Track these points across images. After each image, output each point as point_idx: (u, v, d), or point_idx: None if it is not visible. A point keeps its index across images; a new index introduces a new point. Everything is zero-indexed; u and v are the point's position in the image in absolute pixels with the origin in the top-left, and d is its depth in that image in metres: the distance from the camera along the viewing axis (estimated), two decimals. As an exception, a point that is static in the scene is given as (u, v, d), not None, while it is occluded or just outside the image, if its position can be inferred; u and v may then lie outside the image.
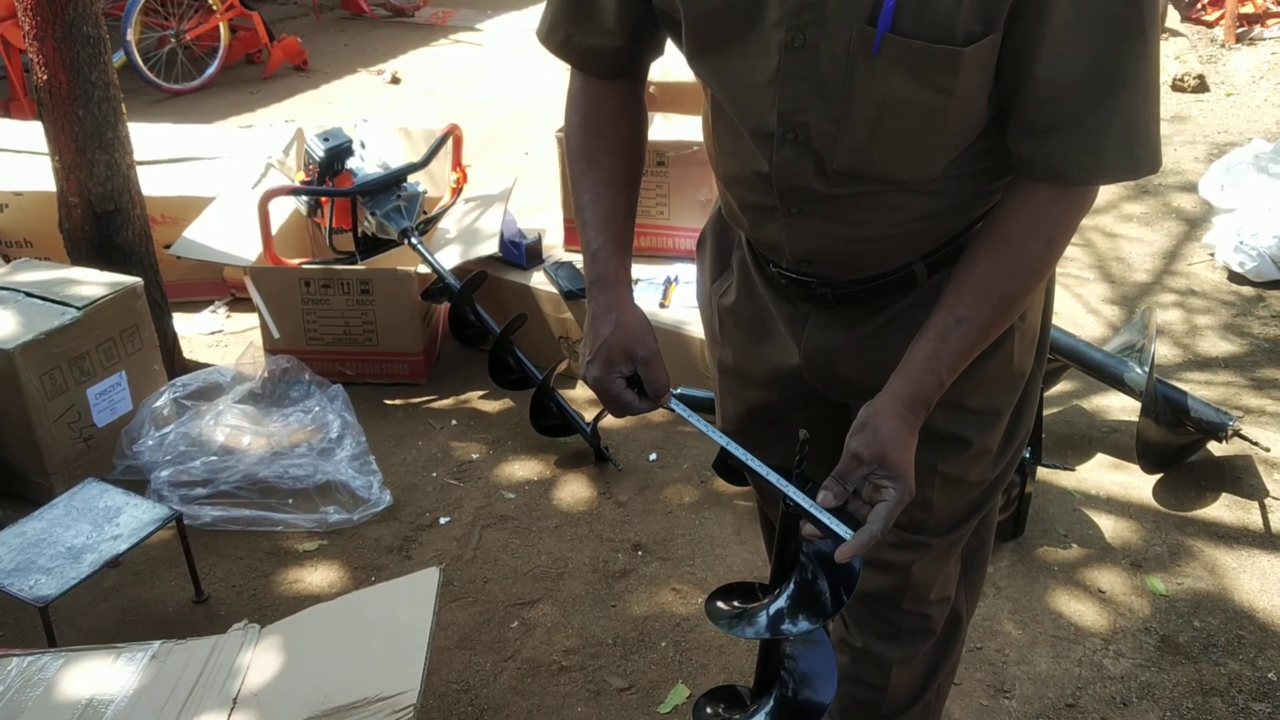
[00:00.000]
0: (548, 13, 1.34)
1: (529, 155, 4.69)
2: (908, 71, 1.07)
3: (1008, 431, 1.39)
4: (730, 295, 1.45)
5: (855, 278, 1.29)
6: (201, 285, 3.55)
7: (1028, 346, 1.35)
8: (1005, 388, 1.35)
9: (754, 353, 1.44)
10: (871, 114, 1.12)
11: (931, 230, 1.24)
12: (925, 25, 1.05)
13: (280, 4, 7.14)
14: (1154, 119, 1.11)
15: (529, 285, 3.09)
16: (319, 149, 3.07)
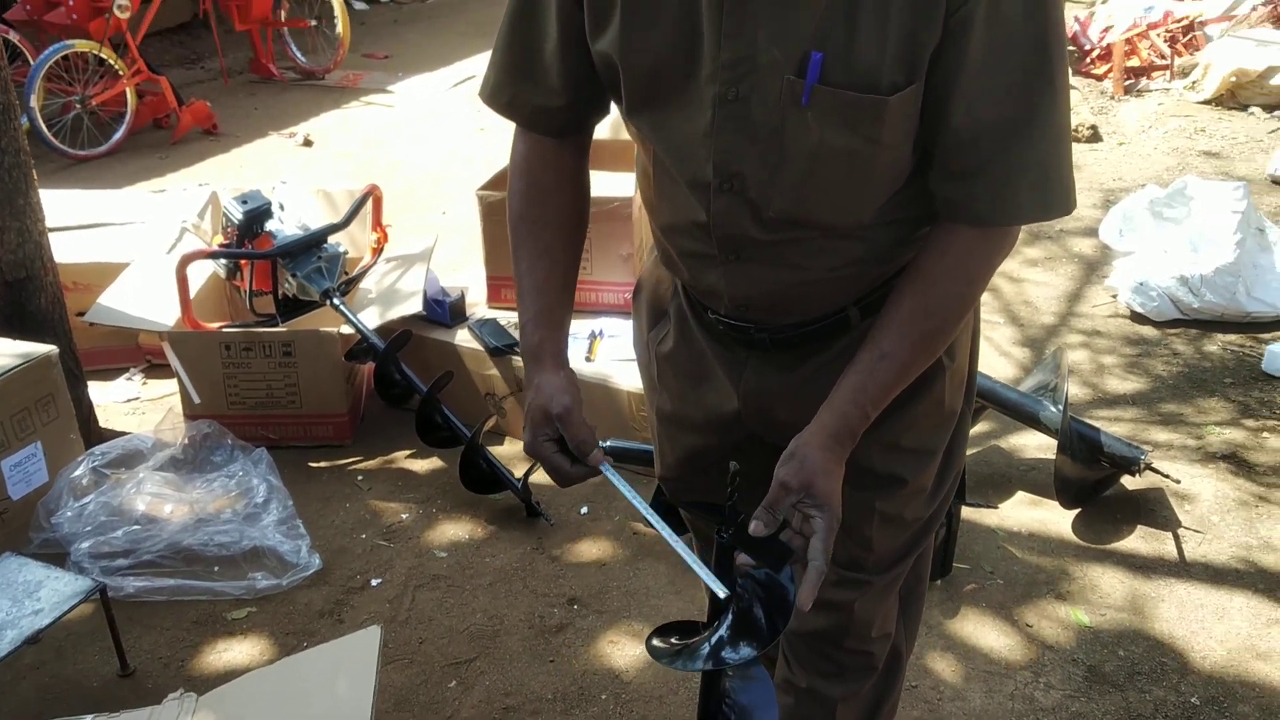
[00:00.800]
0: (490, 73, 1.36)
1: (446, 215, 4.70)
2: (837, 121, 1.13)
3: (941, 470, 1.43)
4: (668, 343, 1.48)
5: (792, 322, 1.33)
6: (116, 352, 3.48)
7: (957, 387, 1.40)
8: (937, 427, 1.40)
9: (693, 398, 1.47)
10: (804, 163, 1.17)
11: (864, 274, 1.28)
12: (852, 76, 1.10)
13: (187, 69, 7.07)
14: (1065, 162, 1.17)
15: (454, 343, 3.09)
16: (237, 211, 3.05)
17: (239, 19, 6.50)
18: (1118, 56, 6.31)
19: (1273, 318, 3.56)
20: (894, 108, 1.11)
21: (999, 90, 1.11)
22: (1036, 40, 1.10)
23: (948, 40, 1.09)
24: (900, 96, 1.11)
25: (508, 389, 3.03)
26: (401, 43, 7.83)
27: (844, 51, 1.10)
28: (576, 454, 1.28)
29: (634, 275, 3.15)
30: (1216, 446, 2.97)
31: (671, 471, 1.57)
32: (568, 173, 1.38)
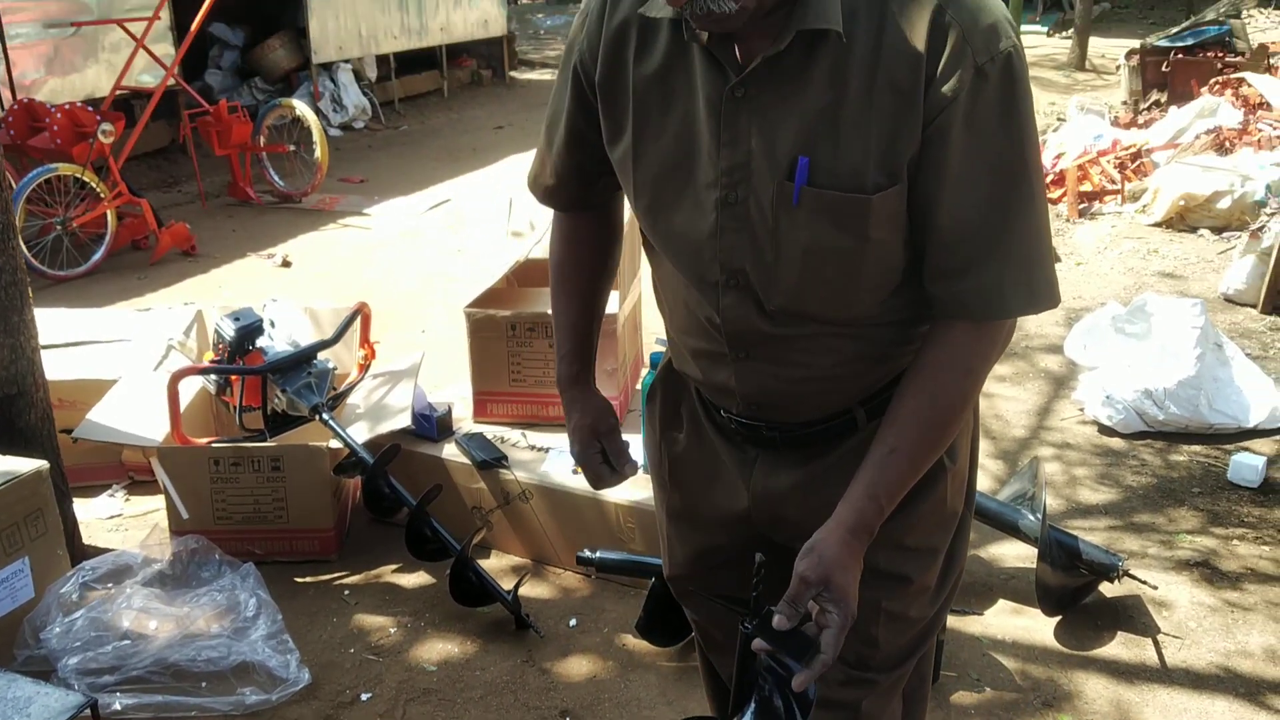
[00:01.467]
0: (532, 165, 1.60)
1: (425, 333, 4.77)
2: (825, 219, 1.24)
3: (944, 569, 1.49)
4: (680, 444, 1.56)
5: (800, 421, 1.41)
6: (99, 469, 3.48)
7: (959, 488, 1.47)
8: (940, 526, 1.46)
9: (704, 497, 1.54)
10: (798, 258, 1.27)
11: (867, 373, 1.37)
12: (837, 177, 1.22)
13: (165, 191, 7.19)
14: (1045, 258, 1.27)
15: (441, 457, 3.12)
16: (229, 328, 3.10)
17: (219, 144, 6.63)
18: (1071, 182, 6.57)
19: (1235, 429, 3.67)
20: (877, 206, 1.22)
21: (978, 194, 1.21)
22: (1011, 147, 1.21)
23: (927, 147, 1.20)
24: (883, 195, 1.21)
25: (495, 502, 3.06)
26: (376, 167, 8.00)
27: (829, 156, 1.22)
28: (615, 464, 1.58)
29: (618, 389, 3.23)
30: (1189, 554, 3.05)
31: (681, 569, 1.62)
32: (590, 233, 1.60)
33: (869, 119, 1.19)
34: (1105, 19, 15.55)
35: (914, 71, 1.17)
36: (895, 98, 1.18)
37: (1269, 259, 4.70)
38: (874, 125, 1.19)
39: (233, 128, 6.58)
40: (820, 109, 1.21)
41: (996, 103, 1.19)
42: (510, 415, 3.27)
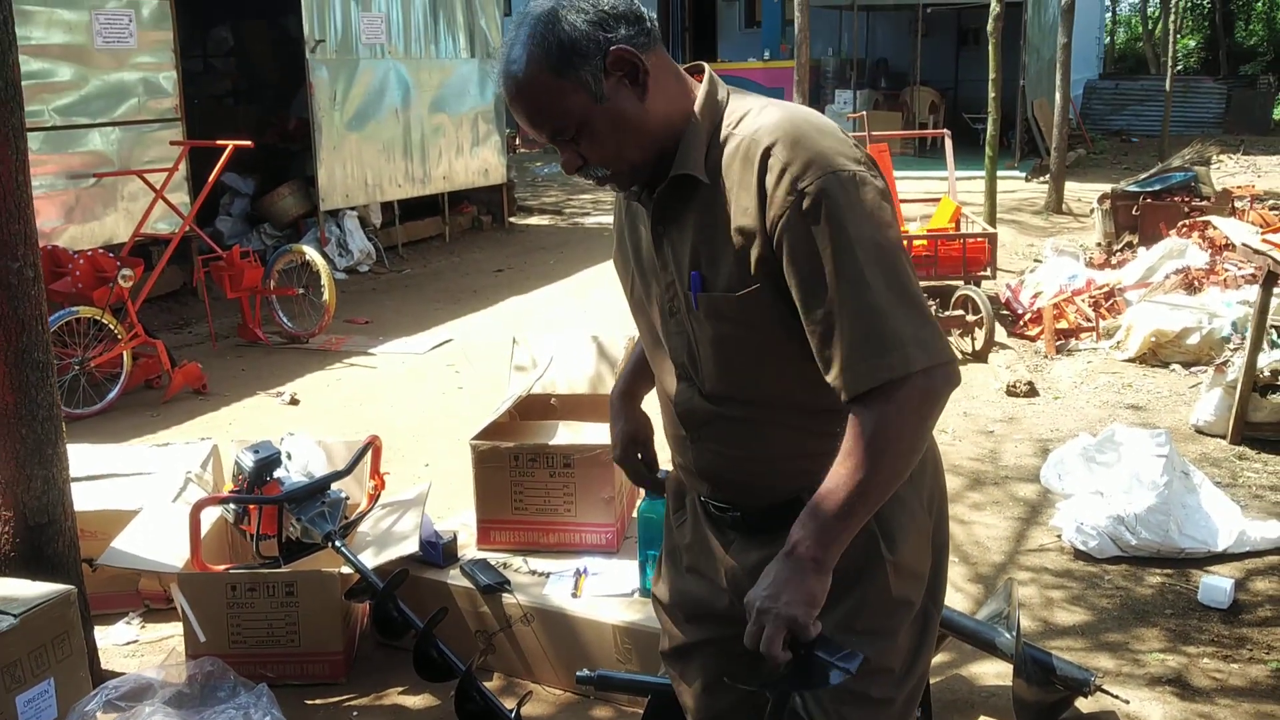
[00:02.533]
0: None
1: (429, 466, 4.95)
2: (716, 316, 1.62)
3: (908, 655, 1.67)
4: (686, 531, 1.84)
5: (756, 504, 1.69)
6: (115, 598, 3.62)
7: (905, 578, 1.66)
8: (887, 612, 1.66)
9: (697, 575, 1.81)
10: (710, 348, 1.65)
11: (802, 457, 1.64)
12: (716, 282, 1.60)
13: (176, 332, 7.45)
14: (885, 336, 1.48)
15: (446, 582, 3.28)
16: (249, 460, 3.30)
17: (230, 288, 6.92)
18: (1048, 320, 6.86)
19: (1205, 553, 3.84)
20: (745, 301, 1.58)
21: (817, 288, 1.50)
22: (837, 251, 1.48)
23: (779, 256, 1.53)
24: (746, 294, 1.57)
25: (497, 625, 3.21)
26: (380, 309, 8.30)
27: (710, 268, 1.60)
28: (648, 467, 2.04)
29: (615, 517, 3.41)
30: (1161, 671, 3.19)
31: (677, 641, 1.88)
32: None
33: (729, 237, 1.57)
34: (1080, 164, 16.17)
35: (752, 199, 1.54)
36: (743, 219, 1.55)
37: (1235, 392, 4.93)
38: (732, 241, 1.57)
39: (245, 272, 6.88)
40: (700, 233, 1.60)
41: (819, 218, 1.49)
42: (512, 542, 3.44)
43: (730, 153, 1.59)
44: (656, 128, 1.60)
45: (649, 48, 1.60)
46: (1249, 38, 32.37)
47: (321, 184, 9.42)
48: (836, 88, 18.23)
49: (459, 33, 11.10)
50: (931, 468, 1.75)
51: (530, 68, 1.56)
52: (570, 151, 1.62)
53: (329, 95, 9.43)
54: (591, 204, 14.02)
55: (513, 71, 1.57)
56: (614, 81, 1.57)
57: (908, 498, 1.68)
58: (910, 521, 1.67)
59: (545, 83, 1.56)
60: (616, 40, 1.56)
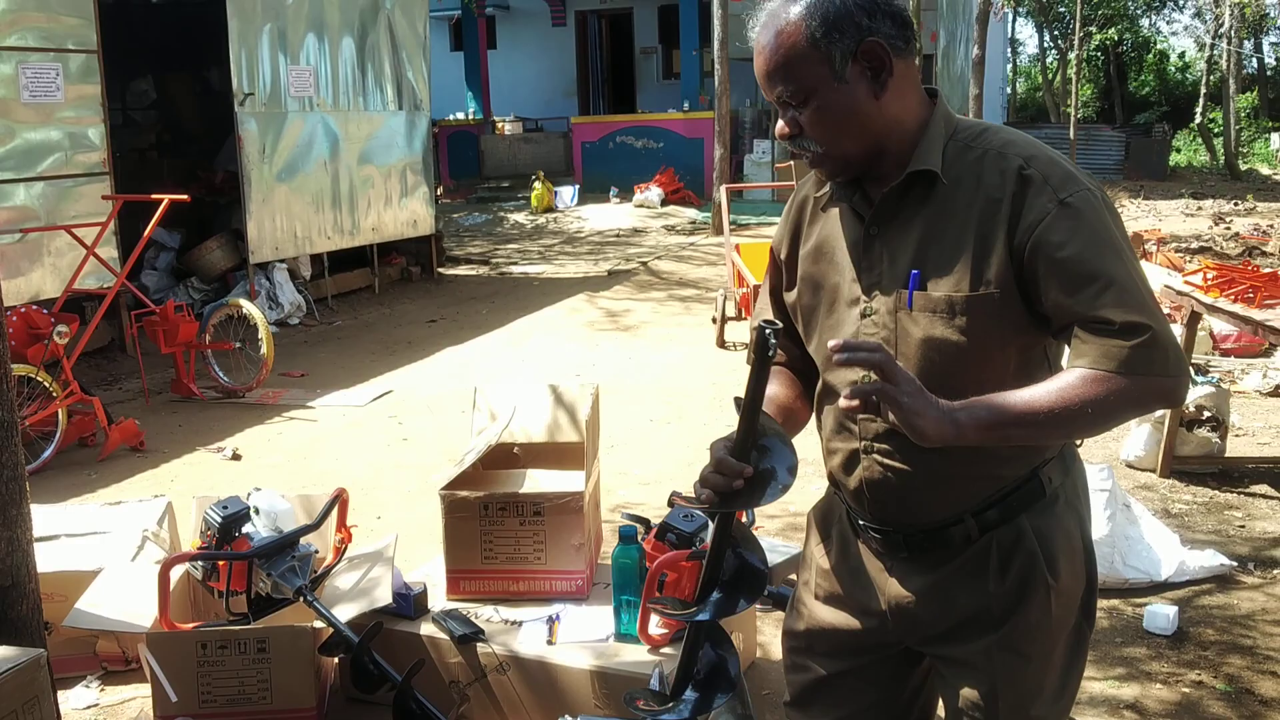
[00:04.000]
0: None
1: (381, 519, 4.93)
2: (932, 316, 1.64)
3: (1063, 673, 1.78)
4: (831, 557, 1.87)
5: (919, 524, 1.73)
6: (72, 661, 3.54)
7: (1066, 604, 1.75)
8: (1048, 633, 1.73)
9: (840, 602, 1.85)
10: (914, 351, 1.66)
11: (973, 478, 1.69)
12: (940, 285, 1.63)
13: (106, 389, 7.31)
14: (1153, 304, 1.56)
15: (419, 634, 3.28)
16: (217, 516, 3.27)
17: (165, 343, 6.83)
18: (977, 361, 7.05)
19: (1148, 583, 3.99)
20: (973, 302, 1.61)
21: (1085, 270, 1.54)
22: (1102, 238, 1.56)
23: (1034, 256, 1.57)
24: (976, 295, 1.61)
25: (472, 676, 3.21)
26: (315, 362, 8.23)
27: (935, 269, 1.64)
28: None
29: (585, 564, 3.44)
30: (1115, 697, 3.31)
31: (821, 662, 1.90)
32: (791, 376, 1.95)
33: (967, 239, 1.61)
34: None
35: (1004, 206, 1.59)
36: (991, 224, 1.60)
37: (1163, 428, 5.14)
38: (971, 243, 1.61)
39: (179, 326, 6.80)
40: (929, 234, 1.65)
41: (1082, 219, 1.56)
42: (482, 591, 3.45)
43: (978, 160, 1.64)
44: (882, 126, 1.65)
45: (903, 53, 1.65)
46: (1141, 87, 33.80)
47: (251, 237, 9.35)
48: (754, 138, 18.60)
49: (387, 85, 11.14)
50: (1084, 491, 1.83)
51: (791, 24, 1.62)
52: (791, 117, 1.67)
53: (258, 148, 9.38)
54: (519, 253, 14.08)
55: (775, 24, 1.63)
56: (859, 68, 1.63)
57: (1066, 519, 1.75)
58: (1068, 544, 1.74)
59: (797, 43, 1.62)
60: (876, 33, 1.62)
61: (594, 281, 11.66)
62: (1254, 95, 31.59)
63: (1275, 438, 5.86)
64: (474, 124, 20.10)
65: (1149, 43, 34.24)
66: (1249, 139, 29.17)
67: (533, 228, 16.38)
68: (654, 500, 4.77)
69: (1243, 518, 4.72)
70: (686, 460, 5.61)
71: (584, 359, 8.13)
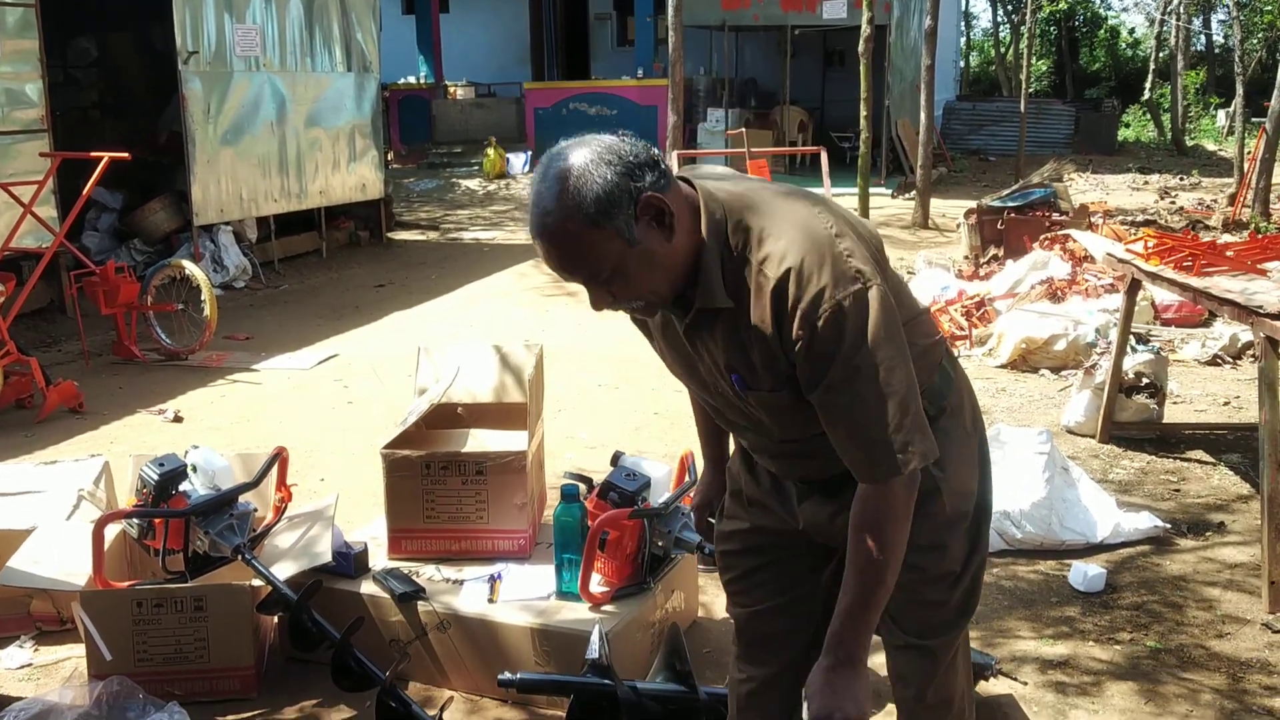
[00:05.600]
0: None
1: (324, 481, 4.89)
2: (763, 404, 1.89)
3: (961, 561, 2.03)
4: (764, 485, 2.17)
5: (824, 479, 2.00)
6: (6, 621, 3.49)
7: (957, 496, 1.99)
8: (944, 526, 1.95)
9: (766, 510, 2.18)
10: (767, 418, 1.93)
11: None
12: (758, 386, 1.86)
13: (45, 350, 7.17)
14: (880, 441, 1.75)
15: (359, 592, 3.26)
16: (153, 473, 3.22)
17: (105, 304, 6.71)
18: (924, 329, 7.11)
19: (1084, 544, 4.06)
20: (785, 394, 1.84)
21: (828, 404, 1.77)
22: (845, 368, 1.72)
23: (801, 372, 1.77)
24: (778, 394, 1.84)
25: (413, 634, 3.20)
26: (260, 325, 8.14)
27: (748, 374, 1.84)
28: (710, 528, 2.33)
29: (527, 523, 3.44)
30: (1051, 655, 3.37)
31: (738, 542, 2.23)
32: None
33: (755, 354, 1.80)
34: (943, 182, 16.79)
35: (772, 326, 1.75)
36: (767, 343, 1.77)
37: (1102, 394, 5.21)
38: (760, 357, 1.80)
39: (120, 287, 6.68)
40: (730, 346, 1.82)
41: (828, 340, 1.71)
42: (424, 551, 3.44)
43: (746, 278, 1.77)
44: (681, 260, 1.78)
45: (668, 188, 1.75)
46: (1092, 63, 34.10)
47: (195, 199, 9.20)
48: (708, 106, 18.56)
49: (335, 46, 10.97)
50: (968, 394, 2.07)
51: (567, 221, 1.69)
52: (602, 292, 1.78)
53: (203, 108, 9.22)
54: (468, 219, 13.98)
55: (548, 224, 1.71)
56: (644, 225, 1.72)
57: (950, 428, 1.98)
58: (956, 447, 1.97)
59: (581, 233, 1.69)
60: (645, 188, 1.71)
61: (545, 248, 11.58)
62: (1202, 73, 31.97)
63: (1212, 405, 5.97)
64: (426, 88, 19.85)
65: (1100, 19, 34.54)
66: (1196, 115, 29.54)
67: (484, 194, 16.26)
68: (600, 464, 4.76)
69: (1178, 482, 4.81)
70: (634, 425, 5.62)
71: (533, 324, 8.10)
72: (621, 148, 1.72)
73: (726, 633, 3.50)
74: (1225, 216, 11.98)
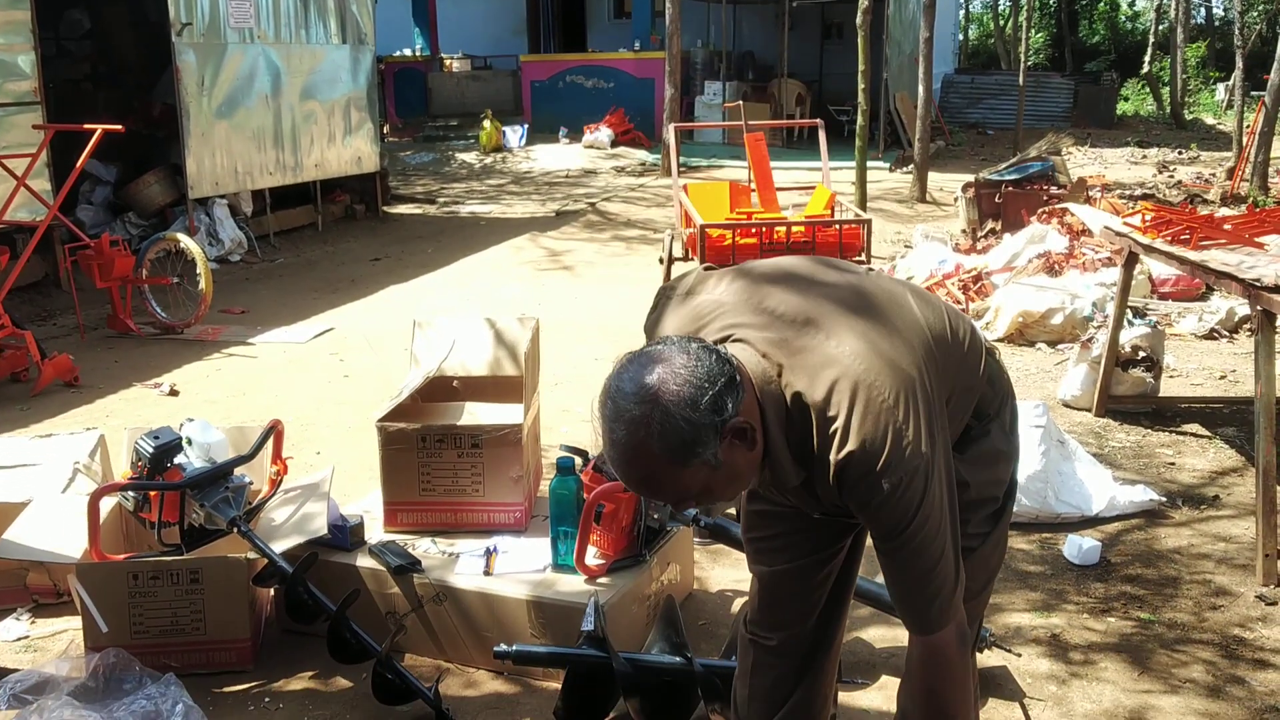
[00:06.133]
0: None
1: (320, 454, 4.89)
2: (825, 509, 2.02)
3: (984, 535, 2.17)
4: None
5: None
6: (3, 594, 3.49)
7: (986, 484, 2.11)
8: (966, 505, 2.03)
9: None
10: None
11: None
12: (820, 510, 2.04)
13: (40, 324, 7.16)
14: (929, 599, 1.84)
15: (355, 565, 3.27)
16: (148, 446, 3.22)
17: (100, 277, 6.69)
18: (920, 302, 7.10)
19: (1079, 517, 4.07)
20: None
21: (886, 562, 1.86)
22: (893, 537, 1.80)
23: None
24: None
25: (409, 606, 3.21)
26: (256, 299, 8.12)
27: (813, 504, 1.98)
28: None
29: (523, 496, 3.44)
30: (1044, 628, 3.38)
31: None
32: None
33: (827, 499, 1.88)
34: (941, 155, 16.72)
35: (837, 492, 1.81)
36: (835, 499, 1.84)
37: (1099, 367, 5.21)
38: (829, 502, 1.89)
39: (115, 261, 6.66)
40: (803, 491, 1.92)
41: (880, 512, 1.77)
42: (420, 524, 3.44)
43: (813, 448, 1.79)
44: (761, 455, 1.78)
45: (741, 399, 1.69)
46: (1091, 35, 33.92)
47: (190, 172, 9.16)
48: (706, 79, 18.47)
49: (330, 18, 10.90)
50: (1009, 395, 2.14)
51: (652, 463, 1.66)
52: (687, 505, 1.80)
53: (197, 80, 9.16)
54: (464, 193, 13.93)
55: (632, 471, 1.69)
56: (729, 445, 1.68)
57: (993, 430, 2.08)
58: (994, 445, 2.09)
59: (668, 471, 1.67)
60: (729, 417, 1.66)
61: (541, 222, 11.58)
62: (1202, 46, 31.83)
63: (1208, 379, 5.97)
64: (421, 61, 19.75)
65: (1100, -9, 34.34)
66: (1196, 89, 29.42)
67: (481, 167, 16.20)
68: (596, 437, 4.77)
69: (1173, 456, 4.82)
70: (630, 398, 5.61)
71: (529, 298, 8.08)
72: (698, 375, 1.65)
73: (722, 605, 3.52)
74: (1223, 190, 11.94)
